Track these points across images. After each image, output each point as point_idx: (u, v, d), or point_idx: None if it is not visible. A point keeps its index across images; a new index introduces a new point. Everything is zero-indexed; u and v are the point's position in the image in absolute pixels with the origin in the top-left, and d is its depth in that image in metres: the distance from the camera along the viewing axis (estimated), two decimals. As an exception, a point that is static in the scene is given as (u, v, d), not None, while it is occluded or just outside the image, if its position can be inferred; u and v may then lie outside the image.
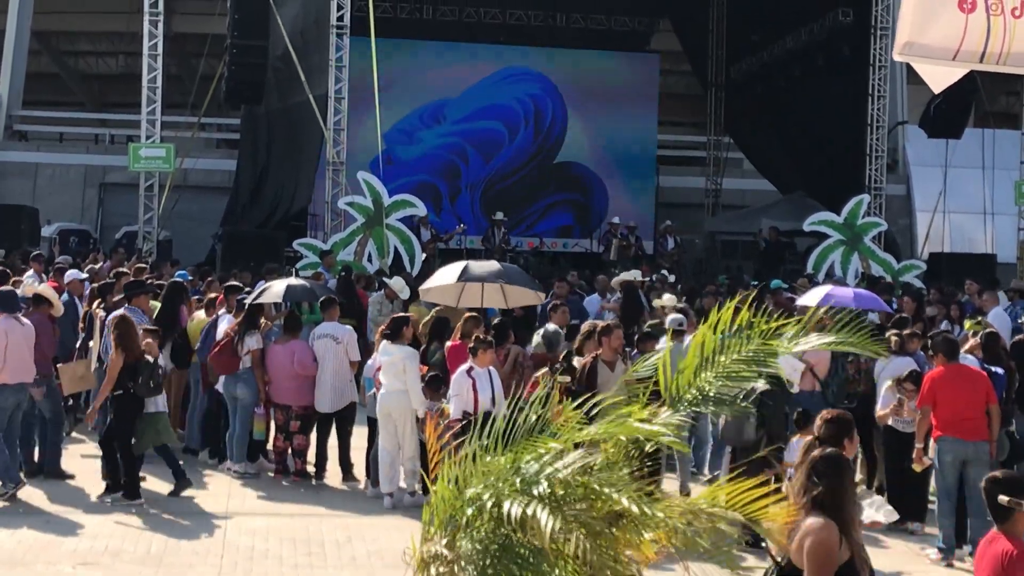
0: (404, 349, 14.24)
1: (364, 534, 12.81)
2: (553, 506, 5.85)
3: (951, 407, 12.61)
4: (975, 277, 25.97)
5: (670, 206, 39.17)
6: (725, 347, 6.79)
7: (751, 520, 6.16)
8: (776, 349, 6.80)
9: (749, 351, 6.78)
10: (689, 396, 6.70)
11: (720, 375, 6.74)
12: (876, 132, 32.42)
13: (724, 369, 6.75)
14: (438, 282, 17.22)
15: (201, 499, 14.21)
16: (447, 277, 16.90)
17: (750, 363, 6.77)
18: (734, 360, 6.76)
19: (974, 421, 12.55)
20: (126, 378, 13.71)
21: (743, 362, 6.77)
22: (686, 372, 6.74)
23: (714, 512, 6.08)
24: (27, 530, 12.48)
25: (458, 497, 6.15)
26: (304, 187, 31.53)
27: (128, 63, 47.36)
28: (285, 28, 29.24)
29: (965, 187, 33.42)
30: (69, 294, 18.13)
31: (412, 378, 14.04)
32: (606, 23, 41.54)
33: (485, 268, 17.17)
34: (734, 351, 6.78)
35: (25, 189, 35.96)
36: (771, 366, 6.82)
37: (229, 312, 16.36)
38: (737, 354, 6.78)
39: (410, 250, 28.31)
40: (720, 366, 6.75)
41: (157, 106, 30.55)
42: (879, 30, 31.93)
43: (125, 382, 13.72)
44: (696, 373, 6.75)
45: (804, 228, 31.65)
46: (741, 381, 6.81)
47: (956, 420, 12.56)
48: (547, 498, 5.91)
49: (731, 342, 6.80)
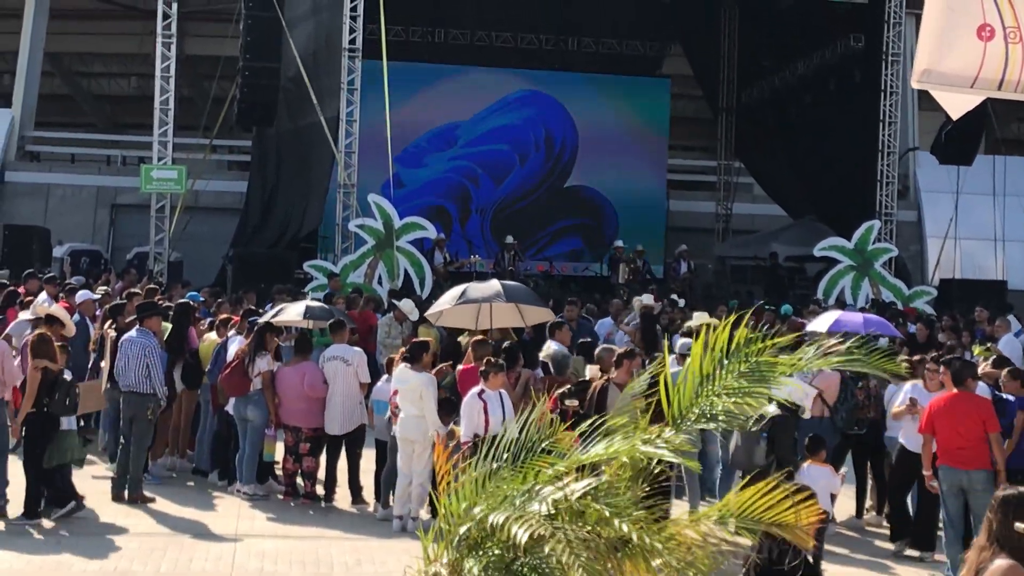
0: (422, 376, 14.19)
1: (373, 556, 12.79)
2: (558, 529, 5.83)
3: (947, 435, 12.53)
4: (986, 304, 25.96)
5: (680, 230, 39.12)
6: (725, 364, 6.73)
7: (773, 524, 6.14)
8: (780, 364, 6.74)
9: (751, 367, 6.72)
10: (692, 414, 6.66)
11: (725, 391, 6.69)
12: (887, 158, 32.42)
13: (726, 387, 6.69)
14: (439, 307, 17.23)
15: (211, 521, 14.20)
16: (446, 301, 16.90)
17: (754, 380, 6.70)
18: (737, 377, 6.71)
19: (970, 450, 12.39)
20: (43, 395, 13.69)
21: (747, 378, 6.71)
22: (686, 390, 6.69)
23: (730, 523, 6.06)
24: (37, 552, 12.47)
25: (463, 518, 6.13)
26: (314, 209, 31.59)
27: (140, 85, 47.56)
28: (297, 50, 29.32)
29: (976, 213, 33.37)
30: (81, 315, 18.15)
31: (429, 406, 13.99)
32: (617, 48, 41.63)
33: (484, 290, 17.09)
34: (735, 367, 6.72)
35: (37, 210, 36.02)
36: (778, 384, 6.75)
37: (240, 334, 16.36)
38: (738, 370, 6.72)
39: (420, 272, 28.34)
40: (719, 381, 6.68)
41: (169, 128, 30.63)
42: (890, 56, 31.97)
43: (41, 399, 13.71)
44: (698, 391, 6.70)
45: (814, 253, 31.65)
46: (748, 399, 6.74)
47: (952, 448, 12.49)
48: (553, 521, 5.89)
49: (733, 360, 6.74)
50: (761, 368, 6.71)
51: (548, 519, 5.86)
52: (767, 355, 6.73)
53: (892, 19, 31.91)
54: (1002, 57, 7.53)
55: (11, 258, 29.36)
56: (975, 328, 23.56)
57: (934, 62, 7.59)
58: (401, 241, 28.39)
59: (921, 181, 37.78)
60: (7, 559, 12.14)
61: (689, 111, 47.21)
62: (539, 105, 40.16)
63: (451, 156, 39.61)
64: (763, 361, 6.72)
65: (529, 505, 5.99)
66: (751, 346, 6.73)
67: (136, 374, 15.12)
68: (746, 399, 6.68)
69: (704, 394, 6.67)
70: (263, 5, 28.82)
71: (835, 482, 13.05)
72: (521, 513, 5.90)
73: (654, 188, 40.59)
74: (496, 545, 6.00)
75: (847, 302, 28.78)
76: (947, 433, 12.52)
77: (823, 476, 12.83)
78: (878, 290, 30.21)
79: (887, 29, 31.91)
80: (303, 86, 29.31)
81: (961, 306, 27.38)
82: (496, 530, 5.90)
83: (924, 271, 35.62)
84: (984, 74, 7.55)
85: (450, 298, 17.08)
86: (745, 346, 6.73)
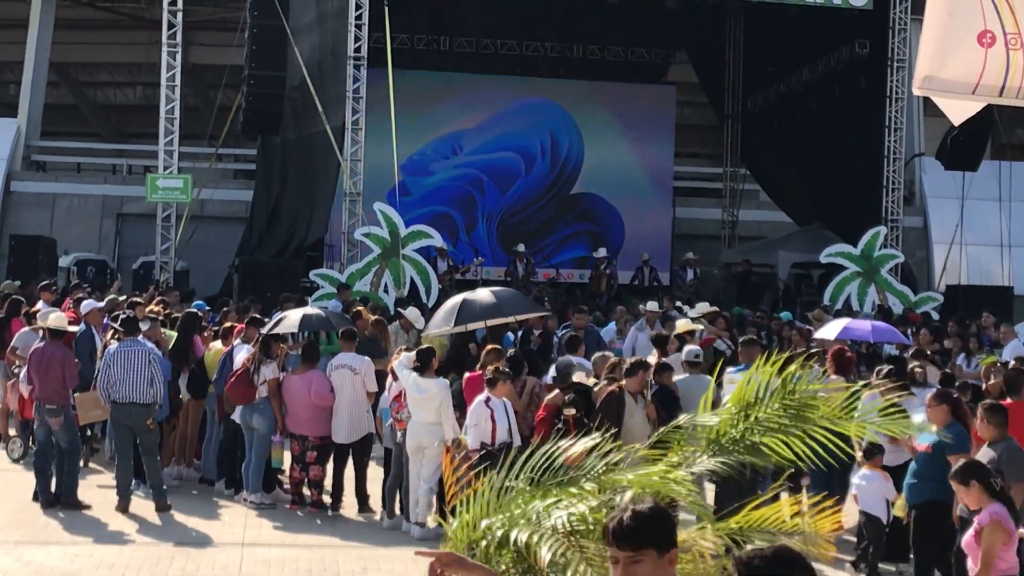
0: (439, 382, 14.23)
1: (380, 565, 12.78)
2: (583, 549, 5.80)
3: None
4: (992, 309, 25.93)
5: (686, 237, 39.12)
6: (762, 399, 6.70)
7: (792, 532, 6.15)
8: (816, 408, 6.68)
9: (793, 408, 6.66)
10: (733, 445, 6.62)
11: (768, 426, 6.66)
12: (893, 164, 32.40)
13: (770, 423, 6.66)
14: (437, 330, 17.09)
15: (217, 529, 14.21)
16: (441, 322, 16.72)
17: (795, 419, 6.65)
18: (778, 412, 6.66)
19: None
20: None
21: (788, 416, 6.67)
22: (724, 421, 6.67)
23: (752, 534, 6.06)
24: (43, 560, 12.48)
25: (477, 530, 6.12)
26: (320, 217, 31.59)
27: (146, 94, 47.65)
28: (302, 59, 29.33)
29: (982, 219, 33.34)
30: (87, 324, 18.06)
31: (447, 410, 14.03)
32: (623, 55, 41.59)
33: (479, 305, 16.77)
34: (776, 402, 6.67)
35: (43, 219, 36.04)
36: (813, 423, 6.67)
37: (247, 342, 16.36)
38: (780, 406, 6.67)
39: (426, 281, 28.37)
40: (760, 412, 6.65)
41: (175, 137, 30.65)
42: (896, 62, 31.97)
43: None
44: (736, 422, 6.67)
45: (821, 260, 31.68)
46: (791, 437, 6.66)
47: None
48: (571, 538, 5.86)
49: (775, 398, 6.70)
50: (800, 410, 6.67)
51: (567, 536, 5.84)
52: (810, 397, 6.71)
53: (897, 25, 31.90)
54: (1003, 64, 7.53)
55: (17, 268, 29.35)
56: (982, 334, 23.53)
57: (935, 69, 7.60)
58: (407, 249, 28.41)
59: (927, 187, 37.74)
60: (13, 569, 12.15)
61: (695, 118, 47.20)
62: (544, 113, 40.12)
63: (457, 164, 39.57)
64: (803, 403, 6.68)
65: (547, 520, 5.96)
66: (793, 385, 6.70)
67: (137, 384, 14.95)
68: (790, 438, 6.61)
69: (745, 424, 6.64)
70: (268, 14, 28.82)
71: (890, 487, 12.92)
72: (541, 531, 5.87)
73: (660, 195, 40.54)
74: (509, 555, 5.97)
75: (853, 308, 28.78)
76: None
77: (878, 481, 12.84)
78: (884, 296, 30.20)
79: (892, 35, 31.91)
80: (308, 95, 29.33)
81: (967, 312, 27.33)
82: (512, 544, 5.87)
83: (930, 277, 35.58)
84: (985, 80, 7.55)
85: (445, 318, 16.75)
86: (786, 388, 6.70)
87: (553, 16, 37.38)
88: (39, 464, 15.07)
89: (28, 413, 16.84)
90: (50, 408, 14.92)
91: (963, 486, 9.32)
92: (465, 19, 38.76)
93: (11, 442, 17.94)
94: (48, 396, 15.00)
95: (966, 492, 9.33)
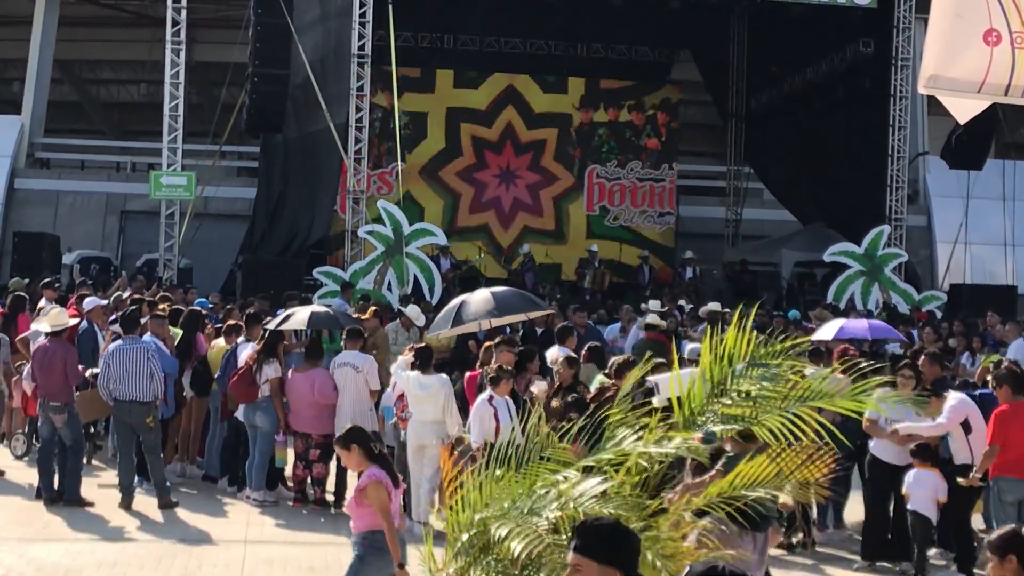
0: (440, 378, 14.24)
1: (383, 563, 12.75)
2: (556, 546, 5.80)
3: (1018, 446, 11.88)
4: (996, 308, 25.89)
5: (690, 236, 39.12)
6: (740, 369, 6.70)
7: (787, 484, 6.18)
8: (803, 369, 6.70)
9: (766, 373, 6.68)
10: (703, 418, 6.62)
11: (739, 394, 6.66)
12: (897, 163, 32.35)
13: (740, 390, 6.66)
14: (435, 332, 17.06)
15: (220, 527, 14.20)
16: (443, 326, 16.69)
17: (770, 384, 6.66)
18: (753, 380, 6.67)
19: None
20: None
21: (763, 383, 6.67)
22: (696, 395, 6.66)
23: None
24: (46, 557, 12.47)
25: (467, 526, 6.11)
26: (322, 215, 31.59)
27: (149, 92, 47.67)
28: (306, 57, 29.32)
29: (986, 218, 33.30)
30: (89, 322, 18.05)
31: (451, 406, 14.04)
32: (627, 53, 41.55)
33: (477, 306, 16.71)
34: (750, 372, 6.68)
35: (46, 217, 36.02)
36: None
37: (251, 340, 16.34)
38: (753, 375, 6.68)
39: (429, 279, 28.37)
40: (732, 385, 6.65)
41: (178, 134, 30.69)
42: (900, 61, 31.92)
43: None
44: (710, 398, 6.67)
45: (824, 259, 31.65)
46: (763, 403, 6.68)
47: (1021, 459, 11.88)
48: (553, 536, 5.86)
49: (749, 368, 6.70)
50: (775, 374, 6.69)
51: (549, 531, 5.83)
52: (780, 359, 6.72)
53: (901, 24, 31.84)
54: (1009, 63, 7.52)
55: (21, 265, 29.38)
56: (986, 333, 23.51)
57: (941, 67, 7.58)
58: (411, 247, 28.41)
59: (931, 186, 37.72)
60: (16, 566, 12.14)
61: (699, 117, 47.19)
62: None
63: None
64: (775, 364, 6.70)
65: (531, 515, 5.95)
66: (764, 349, 6.72)
67: (139, 382, 14.92)
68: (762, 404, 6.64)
69: (715, 396, 6.65)
70: (272, 12, 28.81)
71: (942, 487, 12.82)
72: (521, 525, 5.86)
73: (663, 194, 40.48)
74: (500, 552, 5.97)
75: (857, 307, 28.72)
76: (1019, 445, 11.88)
77: (931, 481, 12.84)
78: (888, 295, 30.17)
79: (897, 34, 31.85)
80: (312, 92, 29.34)
81: (971, 311, 27.30)
82: (498, 541, 5.88)
83: (934, 276, 35.56)
84: (991, 79, 7.54)
85: (443, 320, 16.70)
86: (760, 351, 6.72)
87: (557, 14, 37.33)
88: (42, 461, 15.07)
89: (32, 410, 16.83)
90: (54, 405, 14.92)
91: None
92: (469, 17, 38.67)
93: (14, 439, 17.93)
94: (51, 393, 14.99)
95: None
